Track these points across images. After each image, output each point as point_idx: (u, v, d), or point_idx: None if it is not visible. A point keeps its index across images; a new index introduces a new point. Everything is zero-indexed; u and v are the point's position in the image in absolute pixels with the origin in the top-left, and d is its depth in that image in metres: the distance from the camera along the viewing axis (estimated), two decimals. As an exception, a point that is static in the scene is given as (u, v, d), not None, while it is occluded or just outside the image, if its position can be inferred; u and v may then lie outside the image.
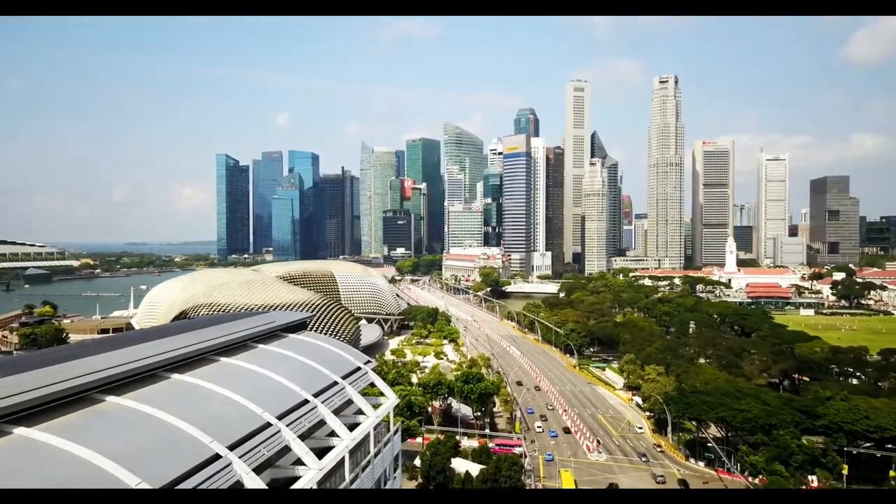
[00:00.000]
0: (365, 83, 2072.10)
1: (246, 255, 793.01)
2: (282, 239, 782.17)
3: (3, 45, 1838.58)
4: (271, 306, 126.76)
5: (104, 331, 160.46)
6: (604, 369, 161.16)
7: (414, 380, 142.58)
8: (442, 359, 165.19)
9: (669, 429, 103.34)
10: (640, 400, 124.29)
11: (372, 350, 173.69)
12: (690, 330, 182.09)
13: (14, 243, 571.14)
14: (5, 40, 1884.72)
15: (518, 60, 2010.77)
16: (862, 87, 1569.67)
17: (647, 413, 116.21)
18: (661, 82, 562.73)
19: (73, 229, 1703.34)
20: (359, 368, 52.80)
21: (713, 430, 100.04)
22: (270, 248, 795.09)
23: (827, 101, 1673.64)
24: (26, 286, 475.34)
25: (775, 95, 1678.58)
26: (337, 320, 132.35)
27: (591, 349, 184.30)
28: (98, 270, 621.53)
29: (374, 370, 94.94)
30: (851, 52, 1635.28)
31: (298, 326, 59.33)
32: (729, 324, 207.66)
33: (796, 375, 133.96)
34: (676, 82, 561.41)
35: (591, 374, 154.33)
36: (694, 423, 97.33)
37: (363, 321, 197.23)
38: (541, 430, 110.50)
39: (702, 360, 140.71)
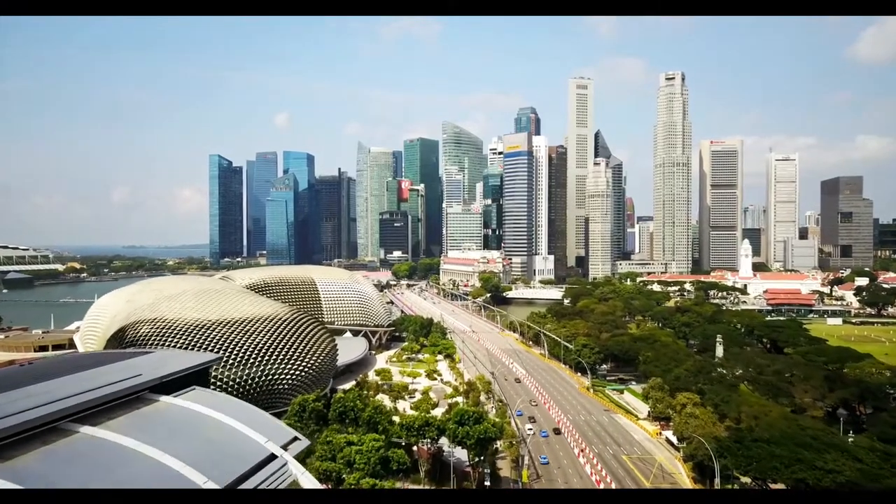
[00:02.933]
0: (364, 84, 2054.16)
1: (239, 259, 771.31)
2: (276, 242, 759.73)
3: (1, 45, 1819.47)
4: (227, 322, 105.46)
5: (42, 348, 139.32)
6: (622, 392, 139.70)
7: (401, 406, 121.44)
8: (435, 379, 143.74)
9: (717, 481, 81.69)
10: (672, 436, 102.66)
11: (355, 368, 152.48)
12: (718, 346, 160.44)
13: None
14: (4, 40, 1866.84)
15: (519, 60, 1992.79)
16: (867, 87, 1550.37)
17: (683, 455, 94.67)
18: (667, 79, 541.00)
19: (73, 232, 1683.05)
20: (272, 458, 31.37)
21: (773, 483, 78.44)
22: (264, 252, 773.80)
23: (831, 102, 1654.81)
24: (5, 291, 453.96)
25: (778, 96, 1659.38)
26: (306, 338, 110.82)
27: (605, 366, 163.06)
28: (84, 275, 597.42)
29: (350, 398, 73.29)
30: (856, 53, 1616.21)
31: (193, 378, 37.82)
32: (757, 337, 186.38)
33: (856, 405, 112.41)
34: (683, 79, 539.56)
35: (607, 399, 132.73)
36: (755, 479, 75.77)
37: (347, 334, 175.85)
38: (531, 432, 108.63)
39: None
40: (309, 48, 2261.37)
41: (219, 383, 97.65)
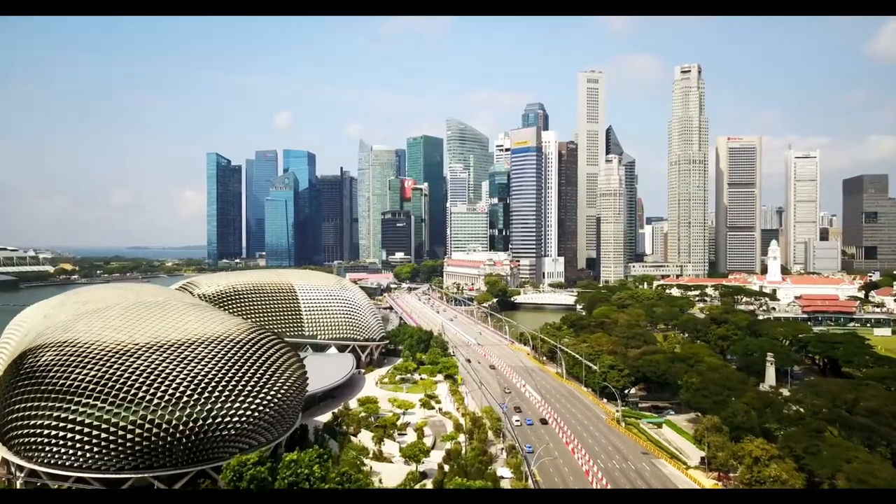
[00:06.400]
0: (366, 83, 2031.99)
1: (238, 260, 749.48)
2: (275, 243, 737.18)
3: (4, 46, 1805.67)
4: (158, 345, 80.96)
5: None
6: (660, 425, 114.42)
7: (388, 449, 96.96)
8: (433, 408, 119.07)
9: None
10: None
11: (339, 392, 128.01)
12: (769, 367, 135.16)
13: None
14: (6, 42, 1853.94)
15: (525, 58, 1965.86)
16: (881, 86, 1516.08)
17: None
18: (682, 72, 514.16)
19: (78, 233, 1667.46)
20: None
21: None
22: (264, 253, 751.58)
23: (843, 101, 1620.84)
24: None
25: (788, 96, 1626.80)
26: (265, 365, 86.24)
27: (634, 389, 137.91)
28: (76, 276, 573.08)
29: (305, 460, 49.03)
30: (867, 51, 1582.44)
31: None
32: (808, 353, 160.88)
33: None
34: (699, 73, 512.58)
35: (644, 436, 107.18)
36: None
37: (332, 349, 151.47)
38: (518, 423, 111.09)
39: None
40: (311, 47, 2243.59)
41: (138, 430, 73.20)
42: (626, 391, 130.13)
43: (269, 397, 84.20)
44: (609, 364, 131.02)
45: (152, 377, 77.18)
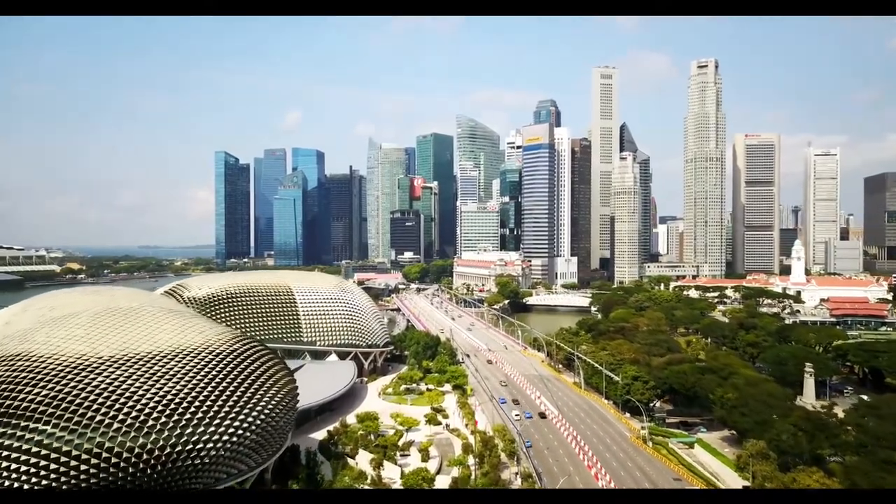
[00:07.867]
0: (377, 82, 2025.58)
1: (246, 259, 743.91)
2: (284, 242, 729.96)
3: (11, 48, 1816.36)
4: (126, 359, 70.89)
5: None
6: (691, 445, 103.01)
7: (388, 473, 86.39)
8: (440, 424, 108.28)
9: None
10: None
11: (338, 406, 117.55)
12: (807, 379, 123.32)
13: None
14: (13, 44, 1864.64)
15: (536, 56, 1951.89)
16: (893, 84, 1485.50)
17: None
18: (699, 67, 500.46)
19: (90, 233, 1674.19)
20: None
21: None
22: (272, 252, 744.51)
23: (861, 99, 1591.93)
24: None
25: (803, 93, 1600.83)
26: (247, 381, 76.16)
27: (658, 402, 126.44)
28: (82, 276, 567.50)
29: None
30: (886, 49, 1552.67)
31: None
32: (847, 363, 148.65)
33: None
34: (717, 67, 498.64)
35: (674, 459, 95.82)
36: None
37: (332, 356, 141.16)
38: (518, 418, 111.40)
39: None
40: (319, 47, 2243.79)
41: (94, 460, 63.04)
42: (651, 405, 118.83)
43: (251, 418, 73.81)
44: (633, 375, 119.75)
45: (114, 397, 67.01)
